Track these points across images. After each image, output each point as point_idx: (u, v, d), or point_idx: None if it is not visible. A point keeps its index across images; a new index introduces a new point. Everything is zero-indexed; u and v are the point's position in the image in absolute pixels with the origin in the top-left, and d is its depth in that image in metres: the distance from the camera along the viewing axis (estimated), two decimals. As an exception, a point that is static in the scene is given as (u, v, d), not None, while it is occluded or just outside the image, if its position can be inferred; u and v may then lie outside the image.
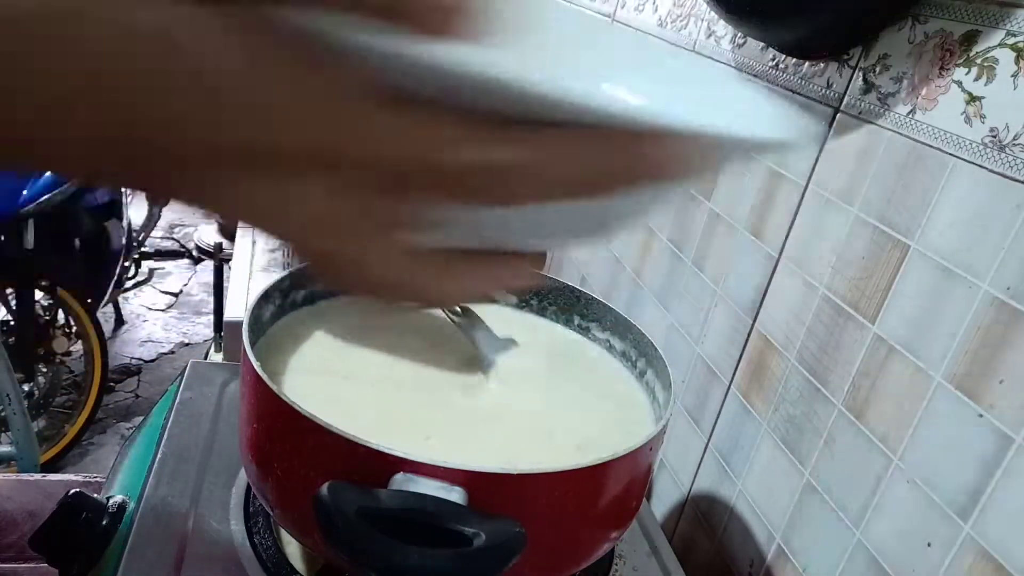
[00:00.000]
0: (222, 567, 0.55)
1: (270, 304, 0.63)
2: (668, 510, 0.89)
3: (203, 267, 3.39)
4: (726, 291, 0.81)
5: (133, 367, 2.62)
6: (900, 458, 0.56)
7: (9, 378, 1.62)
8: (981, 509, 0.49)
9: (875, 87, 0.63)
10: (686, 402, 0.87)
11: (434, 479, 0.42)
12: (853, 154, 0.64)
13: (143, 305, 3.00)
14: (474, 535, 0.40)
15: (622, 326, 0.68)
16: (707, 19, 0.90)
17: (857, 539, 0.59)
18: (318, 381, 0.59)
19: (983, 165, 0.52)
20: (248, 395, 0.51)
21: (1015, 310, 0.48)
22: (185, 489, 0.62)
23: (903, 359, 0.57)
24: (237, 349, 0.53)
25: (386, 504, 0.40)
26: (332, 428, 0.44)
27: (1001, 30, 0.52)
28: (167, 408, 0.74)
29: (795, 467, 0.67)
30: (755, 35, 0.78)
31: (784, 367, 0.70)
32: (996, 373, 0.49)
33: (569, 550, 0.51)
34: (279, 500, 0.49)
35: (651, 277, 0.98)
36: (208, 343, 2.52)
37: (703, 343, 0.85)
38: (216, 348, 1.66)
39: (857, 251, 0.63)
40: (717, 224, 0.84)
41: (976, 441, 0.50)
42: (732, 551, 0.76)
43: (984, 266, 0.51)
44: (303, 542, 0.50)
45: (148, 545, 0.56)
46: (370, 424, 0.55)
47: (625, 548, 0.67)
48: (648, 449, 0.52)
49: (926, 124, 0.57)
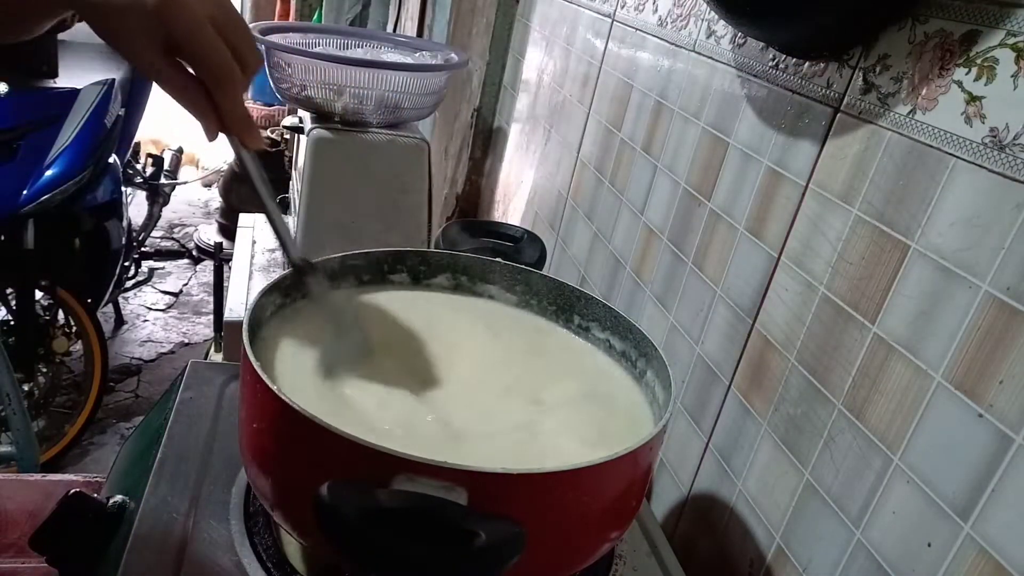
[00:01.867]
0: (222, 567, 0.55)
1: (270, 304, 0.63)
2: (668, 510, 0.89)
3: (203, 267, 3.39)
4: (726, 291, 0.81)
5: (133, 367, 2.62)
6: (900, 458, 0.56)
7: (9, 378, 1.62)
8: (981, 509, 0.49)
9: (875, 87, 0.63)
10: (686, 402, 0.87)
11: (434, 479, 0.42)
12: (853, 154, 0.64)
13: (143, 305, 3.00)
14: (474, 535, 0.40)
15: (622, 326, 0.68)
16: (707, 19, 0.90)
17: (857, 539, 0.59)
18: (318, 381, 0.59)
19: (983, 165, 0.52)
20: (248, 395, 0.51)
21: (1015, 310, 0.48)
22: (185, 489, 0.62)
23: (903, 359, 0.57)
24: (237, 349, 0.53)
25: (386, 504, 0.40)
26: (332, 428, 0.44)
27: (1001, 30, 0.52)
28: (167, 408, 0.74)
29: (795, 467, 0.67)
30: (755, 35, 0.78)
31: (784, 367, 0.70)
32: (996, 373, 0.49)
33: (569, 550, 0.51)
34: (279, 500, 0.49)
35: (651, 277, 0.98)
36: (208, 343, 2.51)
37: (703, 343, 0.85)
38: (216, 348, 1.66)
39: (857, 251, 0.63)
40: (717, 224, 0.84)
41: (976, 441, 0.50)
42: (732, 551, 0.76)
43: (984, 266, 0.51)
44: (303, 542, 0.50)
45: (148, 545, 0.57)
46: (370, 424, 0.55)
47: (625, 548, 0.67)
48: (648, 449, 0.52)
49: (926, 124, 0.57)
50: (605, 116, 1.18)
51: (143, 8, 0.49)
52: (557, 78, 1.41)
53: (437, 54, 1.33)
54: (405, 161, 1.21)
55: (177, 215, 3.81)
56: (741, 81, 0.82)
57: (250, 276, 1.37)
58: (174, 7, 0.49)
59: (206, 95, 0.53)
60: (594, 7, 1.26)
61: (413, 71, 1.19)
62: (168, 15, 0.49)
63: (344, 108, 1.19)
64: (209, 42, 0.50)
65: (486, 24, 1.76)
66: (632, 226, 1.04)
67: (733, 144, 0.83)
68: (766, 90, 0.77)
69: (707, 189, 0.87)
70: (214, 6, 0.51)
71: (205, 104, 0.53)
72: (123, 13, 0.49)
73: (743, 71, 0.82)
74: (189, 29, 0.50)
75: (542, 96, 1.50)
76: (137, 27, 0.50)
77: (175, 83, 0.52)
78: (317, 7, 3.52)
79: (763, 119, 0.78)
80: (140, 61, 0.51)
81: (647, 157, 1.02)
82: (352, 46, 1.35)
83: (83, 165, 1.98)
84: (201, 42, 0.50)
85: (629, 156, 1.08)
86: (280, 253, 1.49)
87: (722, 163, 0.84)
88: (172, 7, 0.49)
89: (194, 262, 3.43)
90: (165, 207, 2.86)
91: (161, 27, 0.49)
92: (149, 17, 0.49)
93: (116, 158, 2.22)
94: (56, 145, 1.92)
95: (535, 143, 1.51)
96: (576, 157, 1.28)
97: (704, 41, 0.90)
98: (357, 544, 0.39)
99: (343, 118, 1.20)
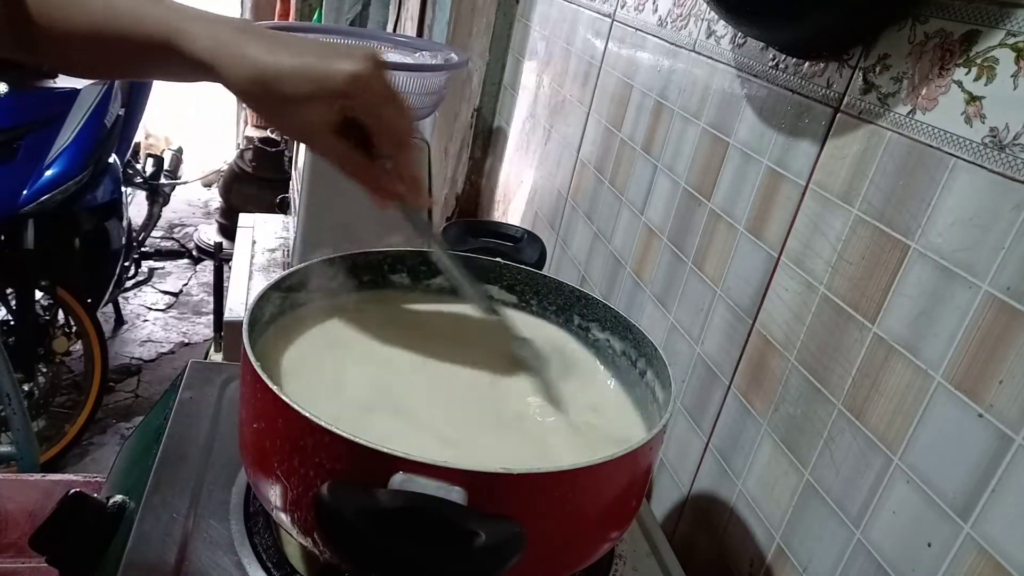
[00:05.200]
0: (222, 567, 0.55)
1: (270, 304, 0.63)
2: (668, 510, 0.89)
3: (203, 267, 3.39)
4: (726, 291, 0.81)
5: (133, 367, 2.62)
6: (900, 458, 0.56)
7: (9, 378, 1.62)
8: (981, 509, 0.49)
9: (875, 87, 0.63)
10: (686, 402, 0.87)
11: (434, 479, 0.42)
12: (853, 154, 0.64)
13: (143, 305, 3.00)
14: (474, 535, 0.40)
15: (622, 326, 0.68)
16: (707, 19, 0.90)
17: (857, 539, 0.59)
18: (318, 381, 0.59)
19: (983, 165, 0.52)
20: (248, 395, 0.51)
21: (1015, 310, 0.48)
22: (185, 489, 0.62)
23: (903, 359, 0.57)
24: (237, 349, 0.53)
25: (386, 504, 0.40)
26: (332, 428, 0.44)
27: (1001, 30, 0.52)
28: (167, 408, 0.74)
29: (795, 467, 0.67)
30: (755, 35, 0.78)
31: (784, 367, 0.70)
32: (996, 373, 0.49)
33: (569, 550, 0.51)
34: (279, 500, 0.49)
35: (651, 277, 0.98)
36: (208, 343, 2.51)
37: (703, 343, 0.85)
38: (216, 348, 1.66)
39: (857, 251, 0.63)
40: (717, 224, 0.84)
41: (976, 441, 0.50)
42: (732, 551, 0.76)
43: (984, 266, 0.51)
44: (303, 542, 0.50)
45: (148, 545, 0.56)
46: (371, 423, 0.55)
47: (625, 548, 0.67)
48: (648, 449, 0.52)
49: (926, 124, 0.57)
50: (605, 116, 1.18)
51: (331, 95, 0.51)
52: (557, 78, 1.41)
53: (437, 54, 1.33)
54: (405, 161, 1.21)
55: (177, 215, 3.82)
56: (741, 81, 0.82)
57: (250, 276, 1.37)
58: (363, 87, 0.51)
59: (374, 166, 0.56)
60: (594, 7, 1.26)
61: (413, 71, 1.18)
62: (356, 96, 0.51)
63: (344, 108, 1.19)
64: (397, 115, 0.54)
65: (486, 24, 1.76)
66: (632, 226, 1.04)
67: (733, 144, 0.83)
68: (766, 90, 0.77)
69: (707, 189, 0.87)
70: (386, 79, 0.53)
71: (376, 176, 0.56)
72: (310, 106, 0.51)
73: (743, 71, 0.82)
74: (377, 105, 0.53)
75: (542, 96, 1.50)
76: (323, 115, 0.52)
77: (350, 159, 0.55)
78: (317, 7, 3.52)
79: (763, 119, 0.78)
80: (321, 145, 0.54)
81: (647, 157, 1.02)
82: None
83: (83, 165, 1.98)
84: (389, 117, 0.54)
85: (629, 156, 1.08)
86: (280, 254, 1.49)
87: (722, 163, 0.84)
88: (361, 87, 0.51)
89: (194, 262, 3.43)
90: (165, 207, 2.86)
91: (343, 108, 0.52)
92: (335, 101, 0.51)
93: (116, 158, 2.22)
94: (56, 145, 1.92)
95: (535, 143, 1.51)
96: (576, 157, 1.28)
97: (704, 41, 0.90)
98: (357, 544, 0.39)
99: (343, 118, 1.20)
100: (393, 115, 0.54)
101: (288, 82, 0.50)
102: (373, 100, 0.53)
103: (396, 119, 0.54)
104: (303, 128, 0.53)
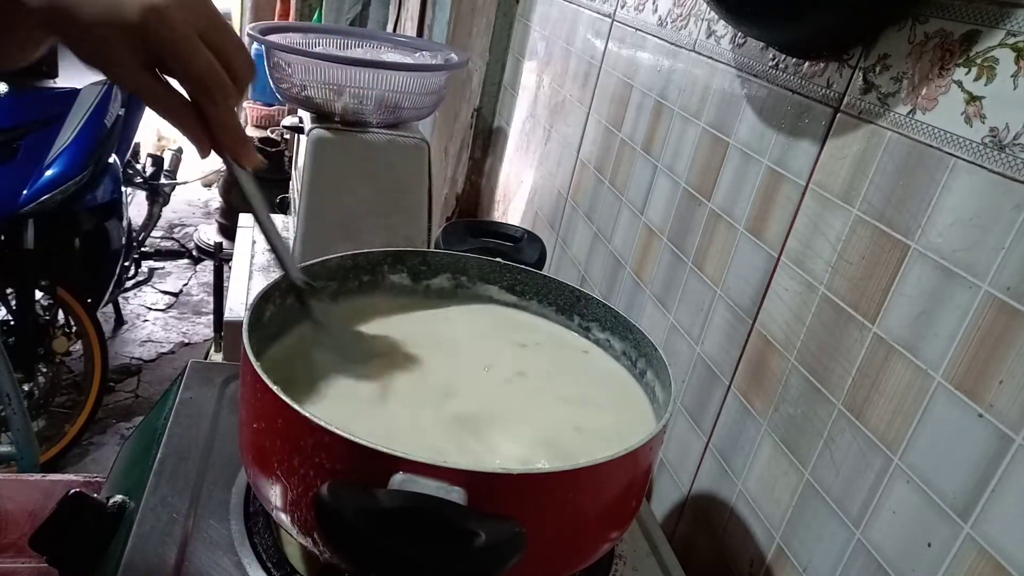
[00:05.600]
0: (222, 567, 0.55)
1: (270, 304, 0.63)
2: (668, 510, 0.89)
3: (203, 267, 3.39)
4: (726, 291, 0.81)
5: (133, 367, 2.62)
6: (900, 458, 0.56)
7: (9, 378, 1.62)
8: (981, 509, 0.49)
9: (875, 87, 0.63)
10: (686, 402, 0.87)
11: (434, 479, 0.42)
12: (853, 154, 0.64)
13: (143, 305, 3.00)
14: (474, 535, 0.40)
15: (622, 326, 0.68)
16: (707, 19, 0.90)
17: (857, 539, 0.59)
18: (318, 380, 0.59)
19: (983, 165, 0.52)
20: (248, 395, 0.51)
21: (1015, 310, 0.48)
22: (185, 489, 0.62)
23: (903, 359, 0.57)
24: (237, 349, 0.53)
25: (386, 504, 0.40)
26: (332, 428, 0.44)
27: (1001, 30, 0.52)
28: (167, 408, 0.74)
29: (795, 467, 0.67)
30: (755, 35, 0.78)
31: (784, 367, 0.70)
32: (996, 373, 0.49)
33: (569, 550, 0.51)
34: (279, 500, 0.49)
35: (651, 277, 0.98)
36: (208, 343, 2.51)
37: (703, 343, 0.85)
38: (216, 348, 1.66)
39: (857, 251, 0.63)
40: (717, 224, 0.84)
41: (976, 441, 0.50)
42: (732, 551, 0.76)
43: (984, 266, 0.51)
44: (303, 542, 0.50)
45: (148, 545, 0.56)
46: (371, 423, 0.55)
47: (625, 548, 0.67)
48: (648, 449, 0.52)
49: (926, 124, 0.57)
50: (605, 116, 1.18)
51: (123, 24, 0.46)
52: (557, 78, 1.41)
53: (437, 54, 1.33)
54: (405, 161, 1.21)
55: (177, 215, 3.82)
56: (741, 81, 0.82)
57: (250, 276, 1.37)
58: (157, 20, 0.46)
59: (196, 112, 0.50)
60: (594, 7, 1.26)
61: (413, 71, 1.18)
62: (151, 29, 0.46)
63: (344, 108, 1.19)
64: (196, 54, 0.48)
65: (486, 24, 1.76)
66: (632, 226, 1.04)
67: (733, 144, 0.83)
68: (766, 90, 0.77)
69: (707, 189, 0.87)
70: (200, 16, 0.48)
71: (195, 121, 0.50)
72: (102, 31, 0.46)
73: (743, 71, 0.82)
74: (174, 42, 0.47)
75: (542, 96, 1.50)
76: (119, 45, 0.47)
77: (162, 101, 0.49)
78: (317, 7, 3.52)
79: (763, 119, 0.78)
80: (125, 80, 0.49)
81: (647, 157, 1.02)
82: (352, 46, 1.35)
83: (83, 165, 1.98)
84: (188, 55, 0.48)
85: (629, 156, 1.08)
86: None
87: (722, 163, 0.84)
88: (155, 20, 0.46)
89: (194, 262, 3.43)
90: (165, 207, 2.86)
91: (144, 42, 0.47)
92: (131, 33, 0.46)
93: (116, 158, 2.22)
94: (56, 145, 1.92)
95: (535, 143, 1.51)
96: (576, 157, 1.28)
97: (704, 41, 0.90)
98: (357, 544, 0.39)
99: (343, 118, 1.20)
100: (193, 55, 0.48)
101: (83, 2, 0.46)
102: (169, 36, 0.47)
103: (197, 60, 0.48)
104: (105, 59, 0.48)
